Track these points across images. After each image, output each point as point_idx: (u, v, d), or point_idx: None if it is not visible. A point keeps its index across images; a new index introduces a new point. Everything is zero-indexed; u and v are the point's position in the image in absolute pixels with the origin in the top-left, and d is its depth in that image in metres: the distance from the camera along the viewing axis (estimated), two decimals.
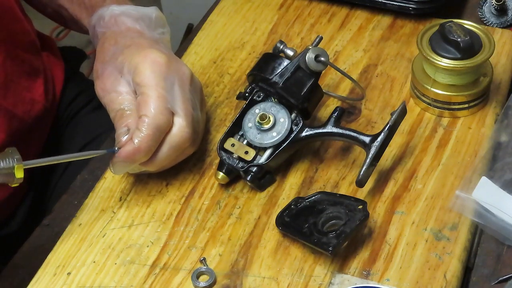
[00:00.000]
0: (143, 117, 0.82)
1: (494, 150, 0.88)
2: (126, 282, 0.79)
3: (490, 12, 1.07)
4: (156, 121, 0.81)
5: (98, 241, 0.83)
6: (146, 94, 0.83)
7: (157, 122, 0.81)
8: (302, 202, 0.83)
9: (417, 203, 0.84)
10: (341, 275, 0.78)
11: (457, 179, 0.86)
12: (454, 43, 0.89)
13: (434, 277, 0.77)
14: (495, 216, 0.81)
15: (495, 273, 0.78)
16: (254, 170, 0.85)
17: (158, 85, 0.83)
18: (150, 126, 0.81)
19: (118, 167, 0.83)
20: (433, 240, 0.80)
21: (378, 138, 0.83)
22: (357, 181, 0.82)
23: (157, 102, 0.82)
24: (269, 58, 0.89)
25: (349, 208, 0.80)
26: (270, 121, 0.85)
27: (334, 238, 0.77)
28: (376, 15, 1.09)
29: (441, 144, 0.90)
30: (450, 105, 0.93)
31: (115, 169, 0.83)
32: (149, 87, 0.83)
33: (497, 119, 0.92)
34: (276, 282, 0.78)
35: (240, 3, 1.13)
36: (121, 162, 0.82)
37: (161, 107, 0.82)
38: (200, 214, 0.85)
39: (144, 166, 0.84)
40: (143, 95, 0.83)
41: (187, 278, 0.79)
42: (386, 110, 0.95)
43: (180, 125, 0.83)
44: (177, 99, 0.84)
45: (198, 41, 1.08)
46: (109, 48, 0.90)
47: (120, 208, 0.86)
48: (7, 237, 1.06)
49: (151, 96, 0.82)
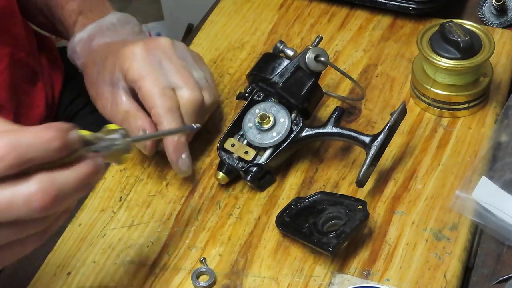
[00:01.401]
0: (153, 111, 0.83)
1: (494, 150, 0.88)
2: (126, 282, 0.79)
3: (490, 12, 1.07)
4: (166, 106, 0.83)
5: (98, 241, 0.83)
6: (142, 87, 0.84)
7: (166, 106, 0.82)
8: (302, 202, 0.83)
9: (417, 203, 0.84)
10: (341, 275, 0.78)
11: (457, 179, 0.86)
12: (454, 43, 0.89)
13: (434, 277, 0.77)
14: (495, 216, 0.81)
15: (495, 273, 0.78)
16: (254, 170, 0.85)
17: (147, 72, 0.84)
18: (163, 113, 0.82)
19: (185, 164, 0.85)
20: (433, 240, 0.80)
21: (378, 138, 0.83)
22: (357, 181, 0.82)
23: (154, 89, 0.83)
24: (269, 58, 0.89)
25: (349, 208, 0.80)
26: (270, 121, 0.85)
27: (334, 238, 0.77)
28: (376, 15, 1.09)
29: (441, 144, 0.90)
30: (450, 105, 0.93)
31: (183, 170, 0.85)
32: (140, 79, 0.84)
33: (497, 119, 0.92)
34: (276, 282, 0.78)
35: (240, 3, 1.14)
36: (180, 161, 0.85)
37: (161, 91, 0.83)
38: (200, 214, 0.85)
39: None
40: (140, 90, 0.84)
41: (187, 278, 0.79)
42: (386, 110, 0.95)
43: (185, 95, 0.85)
44: (170, 73, 0.85)
45: (198, 41, 1.08)
46: (92, 71, 0.91)
47: (120, 208, 0.86)
48: None
49: (146, 87, 0.83)
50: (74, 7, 1.00)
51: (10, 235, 0.55)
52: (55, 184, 0.54)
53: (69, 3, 1.00)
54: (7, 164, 0.52)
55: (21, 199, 0.53)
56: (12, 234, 0.55)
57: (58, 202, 0.54)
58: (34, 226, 0.56)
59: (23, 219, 0.54)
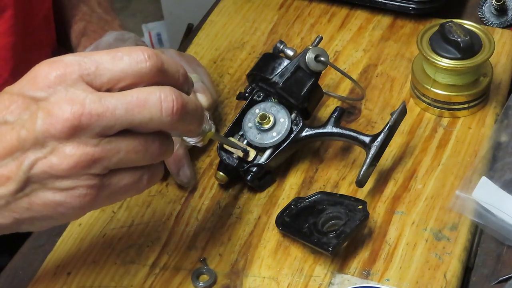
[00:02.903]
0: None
1: (494, 150, 0.88)
2: (126, 282, 0.79)
3: (490, 12, 1.07)
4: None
5: (98, 241, 0.83)
6: None
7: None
8: (302, 202, 0.83)
9: (417, 203, 0.84)
10: (341, 275, 0.78)
11: (457, 179, 0.86)
12: (454, 43, 0.89)
13: (434, 277, 0.77)
14: (495, 216, 0.81)
15: (495, 273, 0.78)
16: (254, 170, 0.85)
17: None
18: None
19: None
20: (433, 240, 0.80)
21: (378, 138, 0.83)
22: (357, 181, 0.82)
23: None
24: (269, 58, 0.89)
25: (349, 208, 0.80)
26: (270, 121, 0.85)
27: (334, 238, 0.77)
28: (376, 15, 1.09)
29: (441, 144, 0.90)
30: (450, 105, 0.93)
31: (184, 181, 0.86)
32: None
33: (497, 119, 0.92)
34: (276, 282, 0.78)
35: (240, 3, 1.14)
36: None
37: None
38: (200, 214, 0.85)
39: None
40: None
41: (187, 278, 0.79)
42: (386, 110, 0.95)
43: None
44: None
45: (198, 41, 1.08)
46: None
47: (120, 208, 0.86)
48: None
49: None
50: (80, 28, 1.00)
51: (137, 147, 0.59)
52: (183, 96, 0.59)
53: (77, 23, 1.01)
54: (154, 65, 0.58)
55: (156, 99, 0.58)
56: (139, 146, 0.59)
57: (183, 114, 0.59)
58: (154, 148, 0.60)
59: (152, 127, 0.59)
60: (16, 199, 0.59)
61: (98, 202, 0.60)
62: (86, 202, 0.59)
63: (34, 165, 0.58)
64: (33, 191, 0.59)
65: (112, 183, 0.60)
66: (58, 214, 0.60)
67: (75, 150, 0.57)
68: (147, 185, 0.62)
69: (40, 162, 0.57)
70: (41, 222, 0.62)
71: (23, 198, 0.59)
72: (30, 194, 0.59)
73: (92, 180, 0.58)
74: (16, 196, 0.59)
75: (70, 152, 0.57)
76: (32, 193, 0.59)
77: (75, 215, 0.61)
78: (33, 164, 0.58)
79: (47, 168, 0.57)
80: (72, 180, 0.58)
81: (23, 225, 0.62)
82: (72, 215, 0.61)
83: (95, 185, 0.59)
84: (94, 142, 0.57)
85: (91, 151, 0.57)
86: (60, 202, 0.59)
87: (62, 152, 0.57)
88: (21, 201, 0.59)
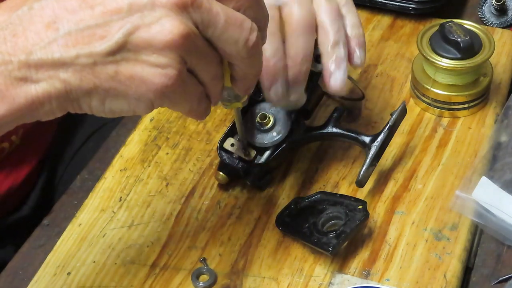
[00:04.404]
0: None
1: (494, 150, 0.88)
2: (126, 282, 0.79)
3: (490, 12, 1.07)
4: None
5: (98, 241, 0.83)
6: None
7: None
8: (302, 202, 0.83)
9: (417, 203, 0.84)
10: (341, 275, 0.78)
11: (457, 179, 0.86)
12: (454, 43, 0.89)
13: (434, 277, 0.77)
14: (495, 216, 0.81)
15: (495, 273, 0.78)
16: (254, 170, 0.85)
17: None
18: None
19: None
20: (433, 240, 0.80)
21: (378, 138, 0.83)
22: (357, 181, 0.82)
23: None
24: None
25: (349, 208, 0.80)
26: (270, 121, 0.85)
27: (334, 238, 0.77)
28: (376, 15, 1.09)
29: (441, 144, 0.90)
30: (450, 105, 0.93)
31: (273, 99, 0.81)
32: None
33: (497, 119, 0.92)
34: (276, 282, 0.78)
35: None
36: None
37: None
38: (200, 214, 0.85)
39: None
40: None
41: (187, 278, 0.79)
42: (386, 110, 0.95)
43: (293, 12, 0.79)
44: None
45: None
46: None
47: (120, 208, 0.86)
48: (19, 220, 1.07)
49: None
50: None
51: (213, 60, 0.60)
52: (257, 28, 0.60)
53: None
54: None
55: (248, 27, 0.59)
56: (215, 59, 0.60)
57: (256, 53, 0.61)
58: (217, 75, 0.62)
59: (229, 50, 0.60)
60: (104, 62, 0.56)
61: (174, 94, 0.58)
62: (169, 86, 0.57)
63: (136, 30, 0.56)
64: (123, 60, 0.56)
65: (187, 81, 0.59)
66: (135, 94, 0.57)
67: (179, 25, 0.56)
68: (202, 110, 0.63)
69: (142, 30, 0.56)
70: (111, 102, 0.58)
71: (112, 64, 0.56)
72: (120, 62, 0.56)
73: (182, 65, 0.57)
74: (105, 59, 0.56)
75: (175, 25, 0.56)
76: (122, 62, 0.56)
77: (146, 104, 0.59)
78: (135, 29, 0.56)
79: (148, 38, 0.56)
80: (166, 58, 0.56)
81: (96, 96, 0.58)
82: (143, 103, 0.58)
83: (183, 71, 0.57)
84: (195, 29, 0.57)
85: (193, 33, 0.57)
86: (146, 79, 0.57)
87: (169, 24, 0.56)
88: (108, 67, 0.56)
